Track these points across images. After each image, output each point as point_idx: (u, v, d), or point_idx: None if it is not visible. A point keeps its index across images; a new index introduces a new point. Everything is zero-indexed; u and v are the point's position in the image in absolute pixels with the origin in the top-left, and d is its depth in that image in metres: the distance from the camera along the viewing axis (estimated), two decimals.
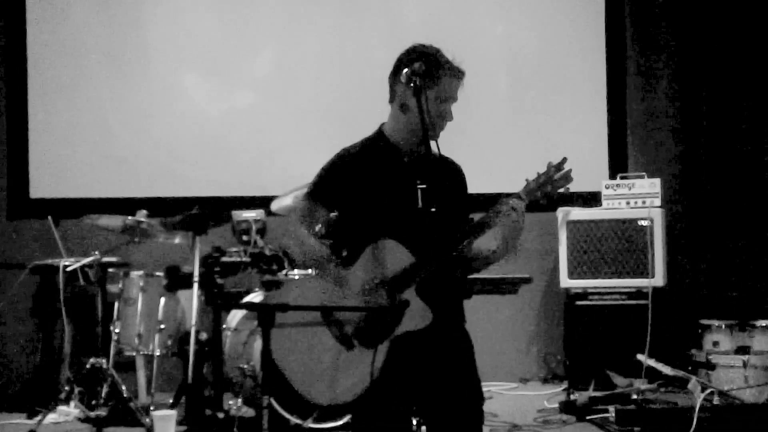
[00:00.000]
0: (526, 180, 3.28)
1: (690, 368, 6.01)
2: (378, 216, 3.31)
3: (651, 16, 7.33)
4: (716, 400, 5.27)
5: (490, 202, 3.28)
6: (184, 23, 7.41)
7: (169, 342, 5.98)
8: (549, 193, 3.27)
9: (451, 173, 3.45)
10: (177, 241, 6.09)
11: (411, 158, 3.37)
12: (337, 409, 5.24)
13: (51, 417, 5.74)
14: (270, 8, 7.44)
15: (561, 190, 3.27)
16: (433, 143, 3.28)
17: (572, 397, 5.96)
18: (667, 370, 5.80)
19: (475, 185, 3.56)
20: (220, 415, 5.46)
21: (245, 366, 5.50)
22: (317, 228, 3.46)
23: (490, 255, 3.33)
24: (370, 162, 3.36)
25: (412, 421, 3.46)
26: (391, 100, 3.40)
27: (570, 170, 3.27)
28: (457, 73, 3.34)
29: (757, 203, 7.00)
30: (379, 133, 3.42)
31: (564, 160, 3.27)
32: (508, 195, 3.27)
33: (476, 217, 3.36)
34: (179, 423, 5.44)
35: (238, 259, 5.89)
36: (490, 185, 3.81)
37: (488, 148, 7.13)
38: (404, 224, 3.26)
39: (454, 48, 3.40)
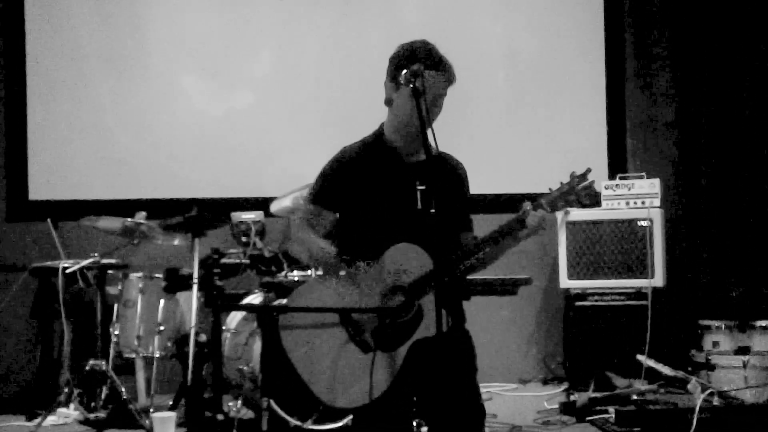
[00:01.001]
0: (549, 189, 3.28)
1: (690, 369, 6.01)
2: (382, 219, 3.30)
3: (650, 16, 7.33)
4: (716, 401, 5.26)
5: (489, 203, 3.28)
6: (183, 24, 7.41)
7: (169, 344, 5.98)
8: (571, 203, 3.27)
9: (450, 171, 3.43)
10: (176, 242, 6.09)
11: (410, 158, 3.35)
12: (340, 410, 5.27)
13: (50, 419, 5.74)
14: (269, 9, 7.44)
15: (585, 201, 3.27)
16: (430, 136, 3.24)
17: (572, 398, 5.95)
18: (666, 370, 5.80)
19: (473, 186, 3.55)
20: (220, 417, 5.44)
21: (245, 368, 5.49)
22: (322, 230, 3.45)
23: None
24: (369, 163, 3.34)
25: (412, 421, 3.45)
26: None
27: (593, 182, 3.28)
28: (442, 69, 3.30)
29: (756, 203, 7.00)
30: (378, 133, 3.41)
31: (588, 170, 3.29)
32: (532, 200, 3.24)
33: (477, 217, 3.36)
34: (179, 425, 5.43)
35: (238, 261, 5.90)
36: (488, 186, 3.81)
37: (487, 148, 7.12)
38: (404, 226, 3.25)
39: (453, 47, 3.39)
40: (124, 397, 5.61)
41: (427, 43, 3.36)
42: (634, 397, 5.59)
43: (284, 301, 4.52)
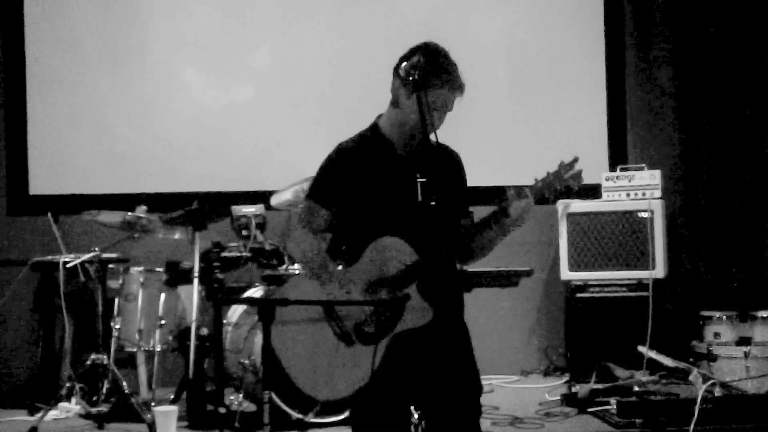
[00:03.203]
0: (535, 179, 3.21)
1: (691, 360, 6.02)
2: (377, 211, 3.29)
3: (650, 7, 7.31)
4: (718, 392, 5.26)
5: (489, 194, 3.25)
6: (182, 17, 7.40)
7: (170, 337, 5.99)
8: (558, 191, 3.20)
9: (448, 162, 3.42)
10: (177, 236, 6.09)
11: (407, 151, 3.34)
12: (337, 403, 5.28)
13: (52, 413, 5.73)
14: (268, 3, 7.42)
15: (574, 188, 3.20)
16: (432, 137, 3.23)
17: (573, 389, 5.95)
18: (668, 361, 5.80)
19: (474, 178, 3.54)
20: (222, 410, 5.46)
21: (246, 361, 5.49)
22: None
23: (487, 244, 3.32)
24: (366, 157, 3.33)
25: (412, 415, 3.46)
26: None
27: (581, 170, 3.20)
28: (456, 87, 3.27)
29: (757, 194, 6.99)
30: (374, 127, 3.40)
31: (575, 159, 3.21)
32: (518, 190, 3.21)
33: (476, 209, 3.34)
34: (180, 418, 5.44)
35: (238, 254, 5.89)
36: (489, 178, 3.79)
37: (488, 140, 7.12)
38: (403, 219, 3.24)
39: (453, 41, 3.38)
40: (126, 391, 5.61)
41: (448, 54, 3.31)
42: (636, 388, 5.59)
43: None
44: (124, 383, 5.65)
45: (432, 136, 3.24)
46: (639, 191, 6.60)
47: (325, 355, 3.23)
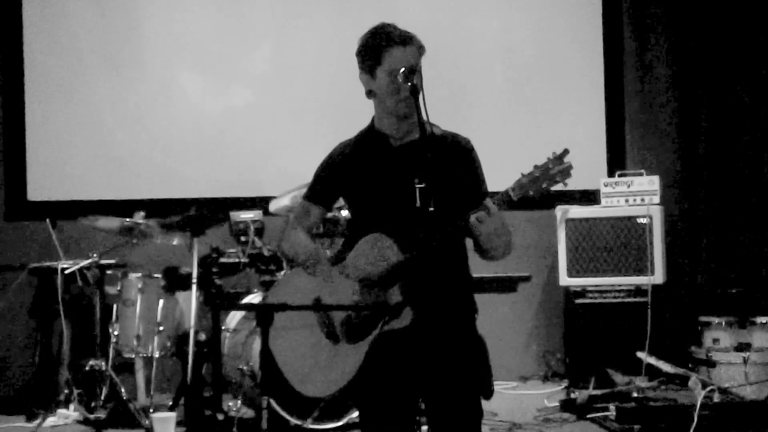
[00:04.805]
0: (521, 174, 3.13)
1: (690, 365, 6.01)
2: (370, 208, 3.29)
3: (648, 11, 7.31)
4: (717, 398, 5.26)
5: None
6: (180, 22, 7.39)
7: (168, 343, 5.97)
8: (543, 188, 3.07)
9: (454, 153, 3.35)
10: (175, 242, 6.08)
11: (402, 145, 3.31)
12: (333, 407, 5.28)
13: (50, 419, 5.74)
14: (267, 5, 7.42)
15: (557, 186, 3.08)
16: (424, 116, 3.18)
17: (572, 395, 5.95)
18: (667, 367, 5.80)
19: None
20: (220, 416, 5.45)
21: (244, 366, 5.49)
22: (317, 228, 3.47)
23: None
24: (361, 154, 3.33)
25: (412, 418, 3.45)
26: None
27: (570, 165, 3.04)
28: (401, 40, 3.29)
29: (756, 199, 6.99)
30: (370, 125, 3.40)
31: (565, 152, 3.06)
32: (496, 194, 3.19)
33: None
34: (179, 424, 5.44)
35: (237, 260, 5.89)
36: (486, 182, 3.76)
37: (484, 145, 6.97)
38: (395, 216, 3.21)
39: (451, 44, 3.38)
40: (124, 397, 5.61)
41: (386, 24, 3.40)
42: (635, 394, 5.59)
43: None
44: (122, 389, 5.65)
45: (424, 114, 3.19)
46: (638, 197, 6.60)
47: (315, 353, 3.25)
